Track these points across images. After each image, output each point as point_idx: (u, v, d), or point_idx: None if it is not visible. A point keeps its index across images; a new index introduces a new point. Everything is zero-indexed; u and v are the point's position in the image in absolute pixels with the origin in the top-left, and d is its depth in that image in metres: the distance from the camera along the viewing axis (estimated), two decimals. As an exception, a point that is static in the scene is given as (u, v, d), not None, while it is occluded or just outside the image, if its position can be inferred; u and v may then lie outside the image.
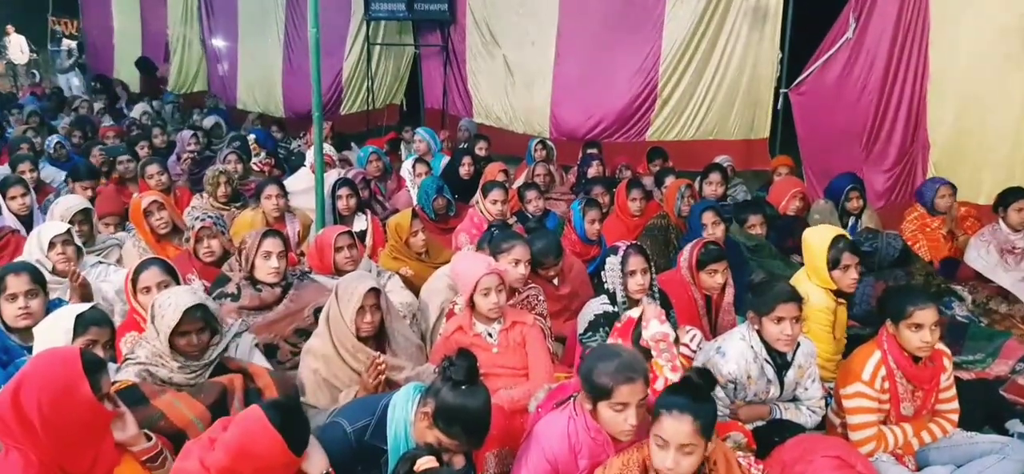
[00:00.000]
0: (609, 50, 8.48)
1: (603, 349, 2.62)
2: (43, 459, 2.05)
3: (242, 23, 12.62)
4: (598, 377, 2.38)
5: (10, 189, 4.97)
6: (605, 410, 2.39)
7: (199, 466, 2.08)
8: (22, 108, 11.20)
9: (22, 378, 2.10)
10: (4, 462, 2.06)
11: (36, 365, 2.17)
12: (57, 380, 2.09)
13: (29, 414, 2.03)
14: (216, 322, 2.88)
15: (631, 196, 5.24)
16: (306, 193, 5.40)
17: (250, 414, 2.12)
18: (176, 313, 2.70)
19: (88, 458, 2.16)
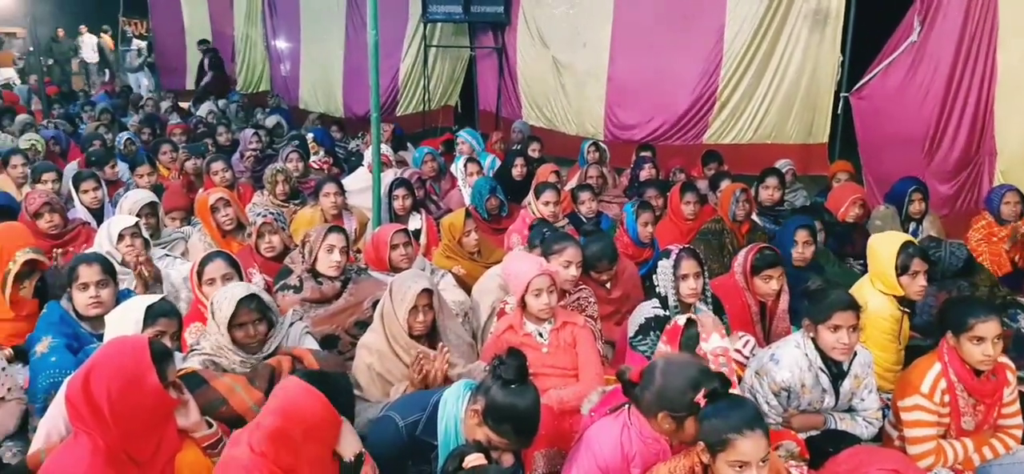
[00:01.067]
0: (667, 51, 8.40)
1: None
2: (110, 444, 2.13)
3: (304, 25, 12.88)
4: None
5: (83, 183, 5.20)
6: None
7: (248, 450, 2.14)
8: (95, 105, 11.65)
9: (92, 365, 2.18)
10: (73, 445, 2.17)
11: (106, 353, 2.25)
12: (126, 368, 2.17)
13: (98, 400, 2.11)
14: (272, 313, 2.97)
15: (685, 199, 5.20)
16: (363, 192, 5.50)
17: (287, 382, 2.22)
18: (231, 304, 2.80)
19: (152, 444, 2.24)
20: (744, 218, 4.99)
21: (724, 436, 2.13)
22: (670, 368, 2.38)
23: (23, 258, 3.55)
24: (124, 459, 2.16)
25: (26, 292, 3.62)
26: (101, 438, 2.12)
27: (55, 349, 3.12)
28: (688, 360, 2.46)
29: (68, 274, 3.39)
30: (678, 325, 2.91)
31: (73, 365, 3.00)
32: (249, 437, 2.17)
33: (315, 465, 2.18)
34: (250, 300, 2.85)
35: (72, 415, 2.18)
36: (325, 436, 2.19)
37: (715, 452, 2.16)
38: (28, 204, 4.44)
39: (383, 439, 2.54)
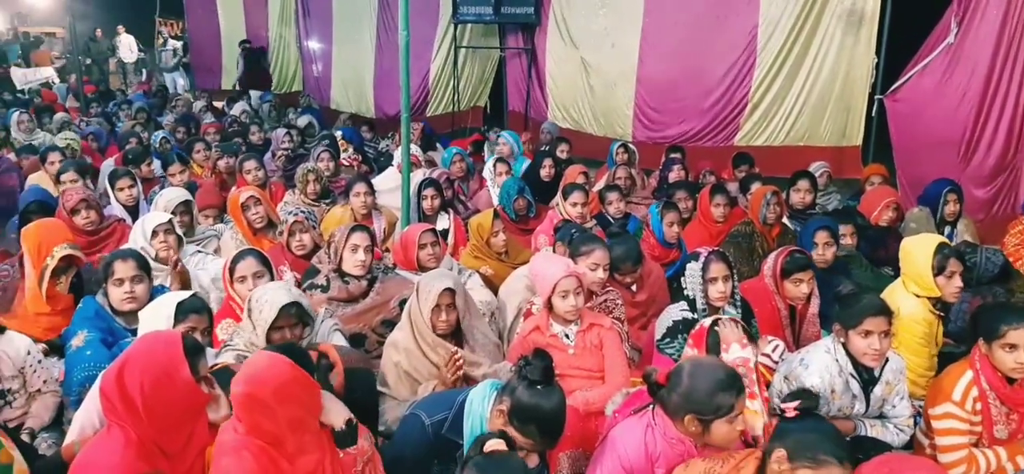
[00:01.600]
0: (698, 53, 8.34)
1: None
2: (142, 436, 2.17)
3: (336, 26, 12.98)
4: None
5: (119, 181, 5.31)
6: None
7: (232, 432, 2.21)
8: (131, 104, 11.88)
9: (126, 359, 2.22)
10: (106, 437, 2.21)
11: (140, 347, 2.29)
12: (159, 362, 2.21)
13: (132, 393, 2.15)
14: (308, 317, 3.02)
15: (715, 201, 5.16)
16: (393, 192, 5.54)
17: (253, 356, 2.30)
18: (272, 310, 2.84)
19: (183, 437, 2.28)
20: (775, 221, 4.94)
21: (821, 457, 2.05)
22: (698, 371, 2.36)
23: (60, 253, 3.63)
24: (156, 451, 2.20)
25: (62, 287, 3.71)
26: (134, 430, 2.16)
27: (90, 343, 3.18)
28: (716, 363, 2.44)
29: (103, 270, 3.45)
30: (704, 327, 2.88)
31: (107, 359, 3.06)
32: (234, 419, 2.22)
33: (298, 429, 2.20)
34: (291, 307, 2.90)
35: (106, 407, 2.22)
36: (298, 398, 2.20)
37: (799, 465, 2.08)
38: (65, 201, 4.53)
39: (409, 437, 2.56)
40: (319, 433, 2.29)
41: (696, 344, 2.89)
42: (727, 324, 2.81)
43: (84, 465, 2.19)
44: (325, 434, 2.32)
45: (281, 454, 2.17)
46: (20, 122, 8.64)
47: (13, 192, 6.37)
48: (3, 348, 3.10)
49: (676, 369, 2.42)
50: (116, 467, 2.11)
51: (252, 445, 2.15)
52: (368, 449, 2.38)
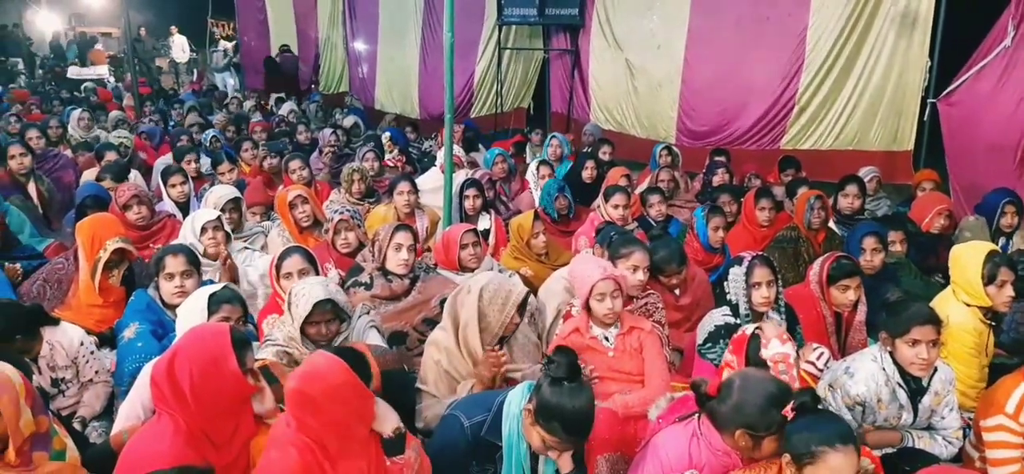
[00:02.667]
0: (744, 55, 8.22)
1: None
2: (190, 425, 2.24)
3: (382, 28, 13.13)
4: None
5: (171, 177, 5.44)
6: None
7: (285, 426, 2.25)
8: (183, 103, 12.19)
9: (176, 350, 2.30)
10: (156, 425, 2.28)
11: (189, 338, 2.37)
12: (208, 353, 2.27)
13: (181, 383, 2.22)
14: (344, 313, 3.07)
15: (760, 206, 5.09)
16: (435, 192, 5.58)
17: (313, 354, 2.31)
18: (307, 305, 2.90)
19: (230, 427, 2.34)
20: (820, 226, 4.86)
21: (814, 448, 2.09)
22: (749, 385, 2.31)
23: (113, 246, 3.74)
24: (204, 440, 2.27)
25: (115, 280, 3.83)
26: (182, 419, 2.23)
27: (141, 335, 3.28)
28: (767, 377, 2.39)
29: (155, 264, 3.56)
30: (745, 334, 2.85)
31: (157, 351, 3.14)
32: (288, 417, 2.26)
33: (342, 433, 2.23)
34: (326, 304, 2.95)
35: (156, 396, 2.29)
36: (348, 402, 2.21)
37: (802, 464, 2.11)
38: (118, 196, 4.67)
39: (448, 438, 2.57)
40: (367, 440, 2.31)
41: (736, 351, 2.86)
42: (769, 322, 2.78)
43: (134, 452, 2.26)
44: (374, 441, 2.33)
45: (325, 455, 2.20)
46: (80, 119, 8.92)
47: (69, 188, 6.60)
48: (57, 339, 3.21)
49: (726, 382, 2.38)
50: (165, 455, 2.17)
51: (300, 442, 2.19)
52: (415, 461, 2.37)
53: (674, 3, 8.80)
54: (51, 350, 3.20)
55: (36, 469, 2.29)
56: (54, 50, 19.32)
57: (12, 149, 5.98)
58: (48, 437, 2.36)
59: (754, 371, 2.43)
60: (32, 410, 2.27)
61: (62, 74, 17.05)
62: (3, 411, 2.17)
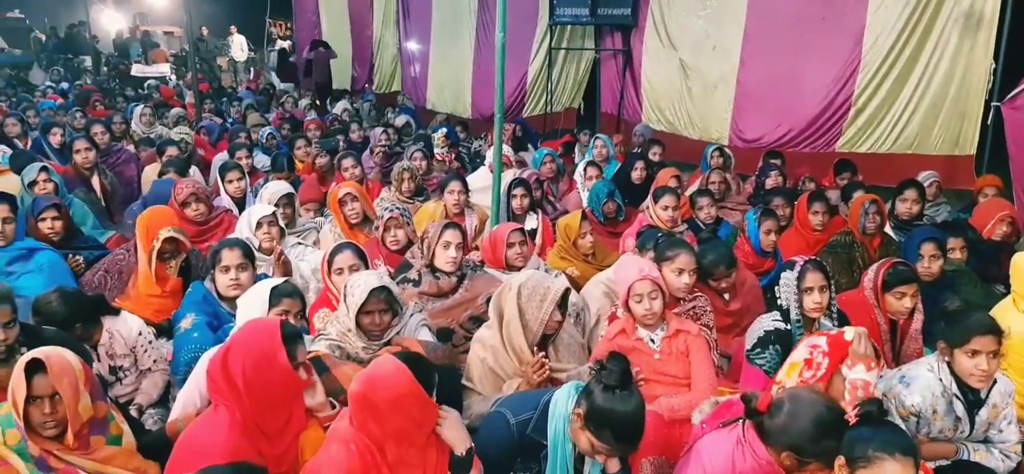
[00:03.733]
0: (801, 55, 8.06)
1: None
2: (245, 417, 2.30)
3: (435, 28, 13.24)
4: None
5: (228, 173, 5.59)
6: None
7: (347, 423, 2.28)
8: (241, 100, 12.49)
9: (231, 344, 2.38)
10: (213, 416, 2.36)
11: (242, 333, 2.44)
12: (259, 347, 2.33)
13: (234, 376, 2.29)
14: (398, 305, 3.12)
15: (813, 209, 4.98)
16: (484, 191, 5.61)
17: (380, 358, 2.33)
18: (364, 292, 2.96)
19: (282, 419, 2.40)
20: (875, 231, 4.74)
21: (872, 453, 2.05)
22: (799, 408, 2.25)
23: (165, 235, 3.88)
24: (256, 431, 2.33)
25: (172, 270, 3.96)
26: (238, 410, 2.30)
27: (197, 326, 3.38)
28: (819, 400, 2.30)
29: (212, 257, 3.66)
30: (844, 339, 2.73)
31: (213, 342, 3.24)
32: (350, 412, 2.30)
33: (401, 440, 2.26)
34: (381, 291, 3.01)
35: (211, 388, 2.37)
36: (409, 411, 2.24)
37: (856, 467, 2.07)
38: (177, 193, 4.80)
39: (494, 435, 2.58)
40: (425, 449, 2.33)
41: (831, 353, 2.73)
42: (863, 339, 2.68)
43: (192, 440, 2.34)
44: (433, 452, 2.35)
45: (383, 459, 2.24)
46: (142, 116, 9.21)
47: (131, 182, 6.83)
48: (117, 328, 3.33)
49: (777, 401, 2.32)
50: (222, 446, 2.24)
51: (360, 441, 2.23)
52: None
53: (729, 2, 8.69)
54: (111, 338, 3.31)
55: (93, 452, 2.37)
56: (118, 48, 19.96)
57: (77, 144, 6.21)
58: (106, 422, 2.44)
59: (806, 392, 2.36)
60: (90, 395, 2.35)
61: (126, 72, 17.62)
62: (63, 395, 2.25)
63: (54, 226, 4.46)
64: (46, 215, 4.46)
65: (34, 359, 2.26)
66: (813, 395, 2.32)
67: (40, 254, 4.14)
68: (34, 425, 2.27)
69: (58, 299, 3.20)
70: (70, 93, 13.69)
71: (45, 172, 5.24)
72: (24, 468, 2.25)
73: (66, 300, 3.20)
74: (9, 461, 2.25)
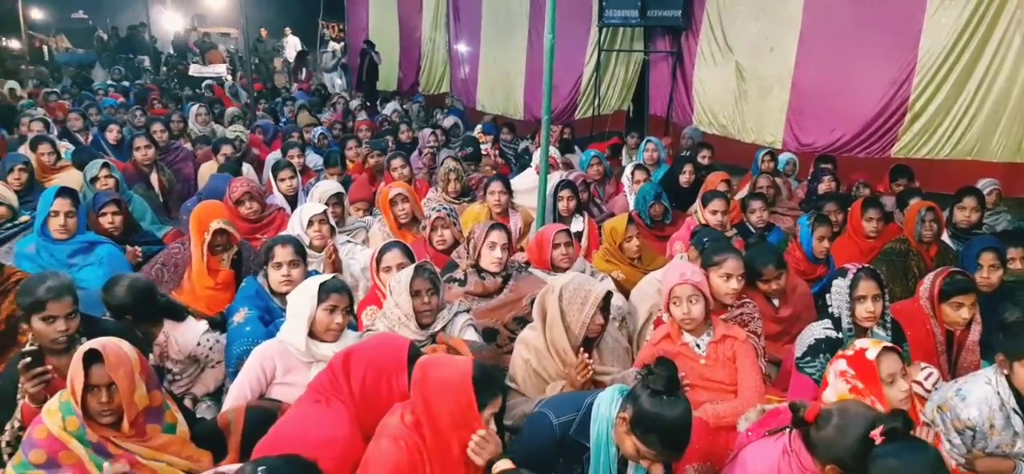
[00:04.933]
0: (857, 57, 7.90)
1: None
2: (353, 415, 2.41)
3: (485, 30, 13.30)
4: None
5: (281, 172, 5.70)
6: None
7: (399, 420, 2.32)
8: (294, 100, 12.73)
9: (360, 348, 2.53)
10: (332, 412, 2.44)
11: (373, 343, 2.59)
12: (385, 361, 2.47)
13: (353, 379, 2.42)
14: (440, 288, 3.23)
15: (867, 215, 4.87)
16: (530, 192, 5.62)
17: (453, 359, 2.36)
18: (408, 273, 3.10)
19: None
20: (931, 239, 4.61)
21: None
22: (847, 422, 2.20)
23: (215, 227, 3.98)
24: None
25: (224, 263, 4.06)
26: (350, 409, 2.40)
27: (250, 320, 3.45)
28: (867, 415, 2.23)
29: (264, 253, 3.74)
30: (873, 367, 2.63)
31: (264, 336, 3.30)
32: (402, 409, 2.35)
33: (438, 431, 2.28)
34: (424, 269, 3.14)
35: (331, 383, 2.48)
36: (454, 402, 2.28)
37: None
38: (231, 191, 4.92)
39: (536, 435, 2.58)
40: (462, 463, 2.33)
41: (864, 380, 2.65)
42: (885, 357, 2.61)
43: (315, 431, 2.41)
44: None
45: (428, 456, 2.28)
46: (198, 115, 9.46)
47: (188, 179, 7.02)
48: (176, 335, 3.42)
49: (826, 413, 2.28)
50: (345, 439, 2.36)
51: (409, 438, 2.27)
52: None
53: (785, 4, 8.56)
54: (166, 340, 3.41)
55: (148, 440, 2.45)
56: (177, 49, 20.50)
57: (138, 141, 6.41)
58: (161, 411, 2.52)
59: (857, 405, 2.31)
60: (146, 385, 2.43)
61: (184, 71, 18.08)
62: (119, 384, 2.33)
63: (114, 221, 4.61)
64: (106, 210, 4.61)
65: (92, 349, 2.35)
66: (863, 409, 2.26)
67: (100, 247, 4.27)
68: (92, 413, 2.35)
69: (126, 288, 3.30)
70: (130, 92, 14.12)
71: (106, 168, 5.42)
72: (83, 453, 2.33)
73: (132, 291, 3.30)
74: (69, 446, 2.33)
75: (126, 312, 3.27)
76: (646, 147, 7.64)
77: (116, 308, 3.27)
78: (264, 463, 1.76)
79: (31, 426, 2.40)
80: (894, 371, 2.61)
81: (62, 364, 2.67)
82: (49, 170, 6.19)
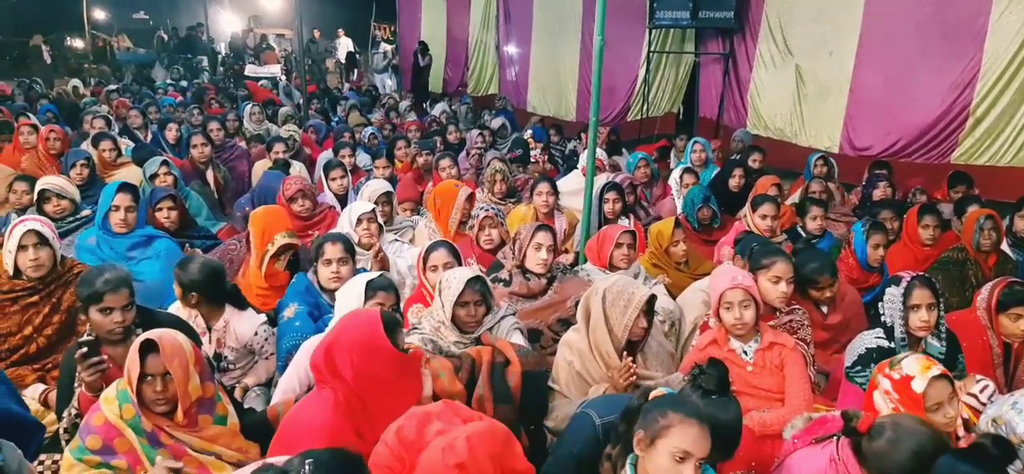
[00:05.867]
0: (918, 61, 7.69)
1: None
2: (349, 400, 2.41)
3: (536, 31, 13.26)
4: None
5: (332, 171, 5.80)
6: None
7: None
8: (347, 100, 12.92)
9: (334, 338, 2.48)
10: (317, 398, 2.48)
11: (344, 325, 2.54)
12: (364, 337, 2.44)
13: (342, 368, 2.40)
14: (491, 300, 3.20)
15: (923, 223, 4.74)
16: (576, 194, 5.61)
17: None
18: (460, 283, 3.06)
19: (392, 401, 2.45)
20: (991, 248, 4.47)
21: None
22: (900, 436, 2.16)
23: (280, 242, 4.04)
24: (359, 413, 2.43)
25: (280, 265, 4.13)
26: (342, 394, 2.41)
27: (299, 315, 3.53)
28: (921, 431, 2.18)
29: (315, 250, 3.81)
30: (912, 389, 2.56)
31: (313, 331, 3.38)
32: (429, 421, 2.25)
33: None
34: (476, 281, 3.10)
35: (317, 376, 2.50)
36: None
37: None
38: (285, 189, 5.02)
39: (578, 435, 2.57)
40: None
41: (907, 407, 2.57)
42: (934, 385, 2.54)
43: (295, 419, 2.48)
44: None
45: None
46: (252, 114, 9.67)
47: (243, 176, 7.19)
48: (235, 323, 3.50)
49: (879, 425, 2.24)
50: (322, 425, 2.37)
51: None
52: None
53: (845, 7, 8.38)
54: (225, 327, 3.49)
55: (200, 430, 2.51)
56: (233, 49, 20.99)
57: (195, 139, 6.59)
58: (213, 402, 2.59)
59: (911, 420, 2.25)
60: (200, 376, 2.50)
61: (240, 71, 18.50)
62: (173, 375, 2.40)
63: (170, 216, 4.75)
64: (163, 205, 4.75)
65: (148, 340, 2.42)
66: (917, 425, 2.21)
67: (158, 242, 4.40)
68: (147, 402, 2.43)
69: (200, 266, 3.40)
70: (188, 91, 14.50)
71: (165, 165, 5.58)
72: (137, 441, 2.41)
73: (205, 270, 3.40)
74: (124, 434, 2.41)
75: (195, 290, 3.36)
76: (693, 148, 7.55)
77: (187, 285, 3.36)
78: (311, 456, 1.79)
79: (88, 413, 2.49)
80: (941, 399, 2.53)
81: (118, 354, 2.77)
82: (110, 166, 6.41)
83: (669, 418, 2.09)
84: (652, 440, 2.11)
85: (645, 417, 2.16)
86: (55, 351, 3.53)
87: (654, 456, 2.12)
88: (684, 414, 2.10)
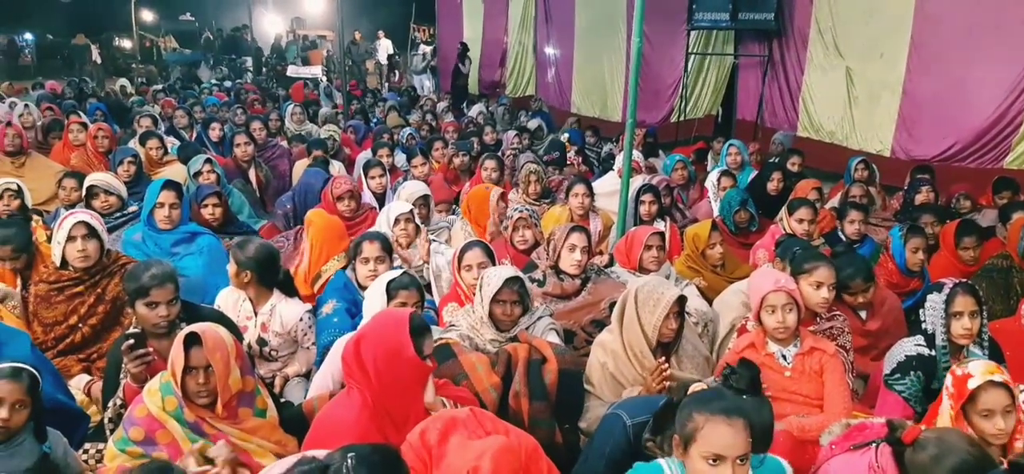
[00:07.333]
0: (971, 64, 7.50)
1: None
2: (376, 401, 2.45)
3: (579, 32, 13.23)
4: None
5: (371, 170, 5.87)
6: None
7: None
8: (386, 101, 13.06)
9: (363, 333, 2.54)
10: (347, 399, 2.52)
11: (374, 324, 2.59)
12: (390, 338, 2.47)
13: (367, 364, 2.44)
14: (528, 299, 3.23)
15: (962, 245, 4.58)
16: (611, 196, 5.60)
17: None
18: (499, 280, 3.12)
19: (408, 406, 2.51)
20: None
21: None
22: (944, 452, 2.12)
23: (335, 267, 4.14)
24: (385, 416, 2.46)
25: (327, 274, 4.22)
26: (369, 395, 2.44)
27: (338, 312, 3.60)
28: (965, 448, 2.13)
29: (354, 249, 3.88)
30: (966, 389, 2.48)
31: (350, 327, 3.44)
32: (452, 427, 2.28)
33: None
34: (514, 281, 3.15)
35: (346, 372, 2.53)
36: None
37: None
38: (334, 188, 5.11)
39: (609, 435, 2.59)
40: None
41: (955, 396, 2.51)
42: (993, 393, 2.48)
43: (327, 418, 2.52)
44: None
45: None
46: (293, 114, 9.83)
47: (284, 175, 7.31)
48: (281, 308, 3.58)
49: (924, 438, 2.20)
50: (352, 425, 2.40)
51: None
52: None
53: (896, 8, 8.22)
54: (271, 312, 3.57)
55: (241, 423, 2.57)
56: (276, 51, 21.35)
57: (238, 138, 6.72)
58: (253, 395, 2.64)
59: (956, 436, 2.20)
60: (240, 369, 2.56)
61: (283, 72, 18.81)
62: (215, 368, 2.46)
63: (214, 212, 4.86)
64: (207, 202, 4.87)
65: (191, 333, 2.49)
66: (962, 442, 2.16)
67: (202, 238, 4.50)
68: (190, 394, 2.49)
69: (256, 247, 3.51)
70: (232, 91, 14.78)
71: (209, 163, 5.71)
72: (180, 432, 2.48)
73: (261, 251, 3.51)
74: (166, 426, 2.48)
75: (250, 269, 3.47)
76: (729, 150, 7.48)
77: (243, 263, 3.47)
78: (352, 451, 1.82)
79: (132, 405, 2.56)
80: (994, 407, 2.46)
81: (163, 347, 2.84)
82: (156, 164, 6.57)
83: (695, 420, 2.05)
84: (685, 445, 2.09)
85: (678, 417, 2.14)
86: (100, 341, 3.62)
87: (691, 463, 2.08)
88: (709, 413, 2.03)
